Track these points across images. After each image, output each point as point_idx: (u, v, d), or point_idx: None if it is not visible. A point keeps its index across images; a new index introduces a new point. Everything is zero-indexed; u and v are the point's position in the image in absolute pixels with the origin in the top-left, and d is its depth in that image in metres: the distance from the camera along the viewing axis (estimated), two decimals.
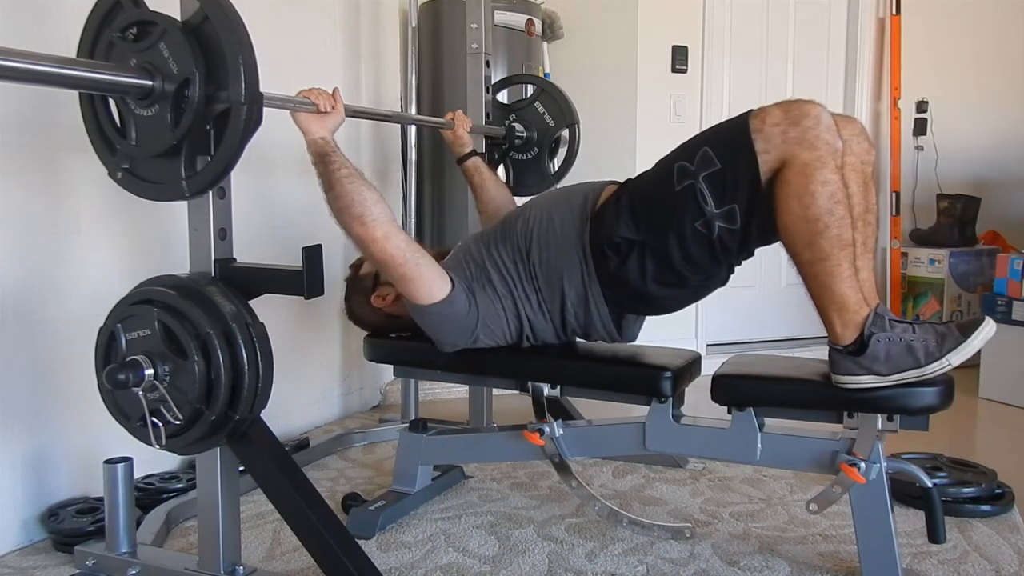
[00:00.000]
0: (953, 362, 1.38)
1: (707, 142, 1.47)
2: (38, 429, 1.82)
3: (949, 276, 3.67)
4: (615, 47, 3.63)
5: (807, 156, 1.34)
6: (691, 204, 1.46)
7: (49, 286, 1.84)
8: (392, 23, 3.15)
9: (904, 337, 1.39)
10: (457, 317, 1.66)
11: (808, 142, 1.35)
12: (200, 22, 1.27)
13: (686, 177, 1.47)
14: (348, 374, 2.92)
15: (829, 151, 1.35)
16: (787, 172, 1.36)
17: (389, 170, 3.10)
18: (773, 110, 1.40)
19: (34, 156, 1.80)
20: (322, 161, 1.54)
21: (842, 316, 1.40)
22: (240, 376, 1.36)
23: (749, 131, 1.40)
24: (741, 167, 1.41)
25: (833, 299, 1.40)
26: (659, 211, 1.53)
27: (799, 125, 1.36)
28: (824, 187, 1.34)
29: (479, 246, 1.76)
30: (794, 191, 1.35)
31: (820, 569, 1.66)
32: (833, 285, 1.38)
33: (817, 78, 3.91)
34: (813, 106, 1.38)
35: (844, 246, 1.37)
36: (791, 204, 1.36)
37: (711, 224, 1.46)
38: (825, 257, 1.37)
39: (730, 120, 1.47)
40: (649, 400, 1.65)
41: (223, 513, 1.49)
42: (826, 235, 1.35)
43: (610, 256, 1.58)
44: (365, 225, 1.50)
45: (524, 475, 2.22)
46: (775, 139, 1.37)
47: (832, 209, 1.34)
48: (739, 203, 1.43)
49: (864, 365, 1.41)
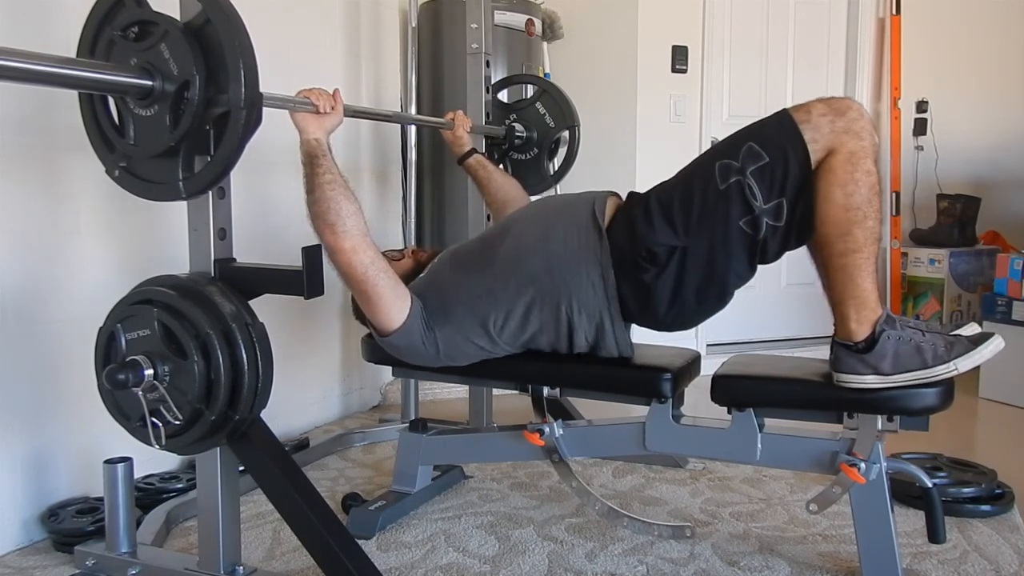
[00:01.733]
0: (960, 367, 1.38)
1: (750, 138, 1.45)
2: (38, 429, 1.82)
3: (949, 276, 3.67)
4: (615, 47, 3.63)
5: (854, 145, 1.36)
6: (738, 201, 1.44)
7: (49, 286, 1.84)
8: (392, 23, 3.15)
9: (914, 338, 1.40)
10: (414, 348, 1.65)
11: (855, 132, 1.37)
12: (202, 24, 1.27)
13: (731, 174, 1.44)
14: (348, 374, 2.92)
15: (872, 143, 1.38)
16: (833, 160, 1.37)
17: (389, 170, 3.10)
18: (816, 103, 1.41)
19: (34, 156, 1.80)
20: (310, 163, 1.54)
21: (859, 311, 1.40)
22: (240, 376, 1.36)
23: (796, 122, 1.40)
24: (791, 158, 1.40)
25: (856, 292, 1.40)
26: (704, 212, 1.47)
27: (845, 116, 1.38)
28: (867, 176, 1.36)
29: (452, 272, 1.69)
30: (839, 178, 1.37)
31: (820, 569, 1.66)
32: (858, 278, 1.39)
33: (817, 78, 3.90)
34: (853, 101, 1.41)
35: (875, 240, 1.38)
36: (834, 192, 1.37)
37: (758, 222, 1.43)
38: (858, 248, 1.37)
39: (769, 117, 1.46)
40: (649, 400, 1.65)
41: (223, 513, 1.49)
42: (863, 225, 1.36)
43: (645, 268, 1.51)
44: (336, 234, 1.49)
45: (524, 475, 2.22)
46: (824, 128, 1.38)
47: (871, 199, 1.37)
48: (787, 196, 1.42)
49: (870, 363, 1.40)
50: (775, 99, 3.85)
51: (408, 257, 1.90)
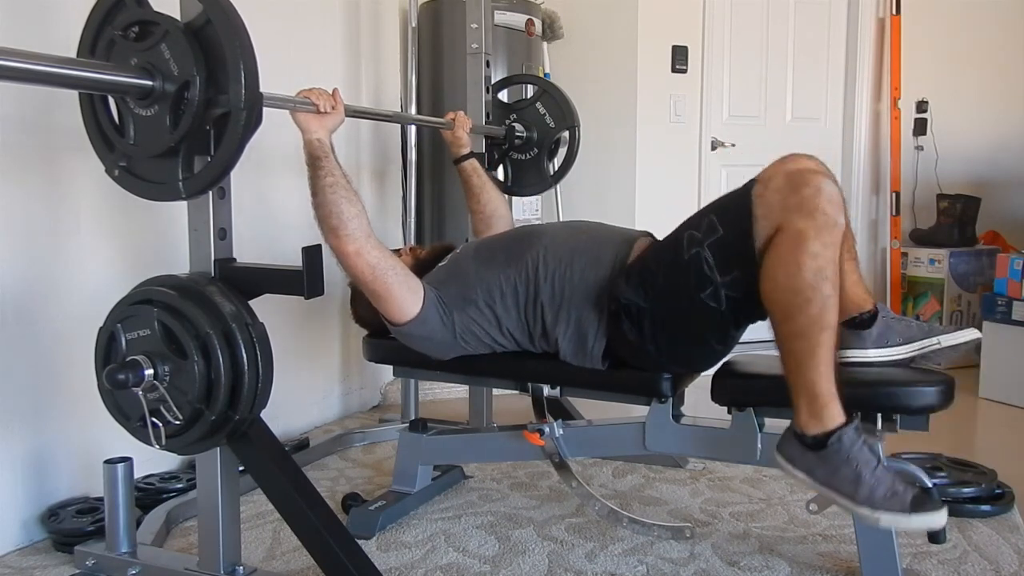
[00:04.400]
0: (880, 522, 1.28)
1: (714, 210, 1.46)
2: (38, 429, 1.82)
3: (949, 276, 3.67)
4: (615, 47, 3.64)
5: (803, 224, 1.28)
6: (698, 273, 1.43)
7: (49, 286, 1.84)
8: (392, 23, 3.15)
9: (863, 467, 1.29)
10: (431, 336, 1.66)
11: (806, 211, 1.28)
12: (202, 24, 1.27)
13: (693, 245, 1.44)
14: (348, 374, 2.92)
15: (826, 223, 1.28)
16: (778, 238, 1.31)
17: (389, 170, 3.10)
18: (777, 176, 1.35)
19: (34, 156, 1.80)
20: (313, 164, 1.55)
21: (811, 406, 1.32)
22: (240, 376, 1.36)
23: (751, 196, 1.36)
24: (739, 233, 1.37)
25: (804, 384, 1.31)
26: (668, 280, 1.49)
27: (799, 193, 1.30)
28: (813, 259, 1.27)
29: (476, 264, 1.72)
30: (781, 258, 1.30)
31: (820, 569, 1.66)
32: (806, 368, 1.30)
33: (817, 78, 3.91)
34: (818, 176, 1.32)
35: (825, 328, 1.29)
36: (776, 271, 1.31)
37: (719, 295, 1.42)
38: (801, 334, 1.30)
39: (738, 188, 1.43)
40: (649, 400, 1.65)
41: (223, 513, 1.49)
42: (806, 311, 1.28)
43: (623, 319, 1.54)
44: (339, 238, 1.52)
45: (524, 475, 2.22)
46: (775, 205, 1.32)
47: (817, 284, 1.27)
48: (742, 270, 1.38)
49: (808, 462, 1.33)
50: (775, 99, 3.85)
51: (407, 255, 1.91)
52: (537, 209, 3.42)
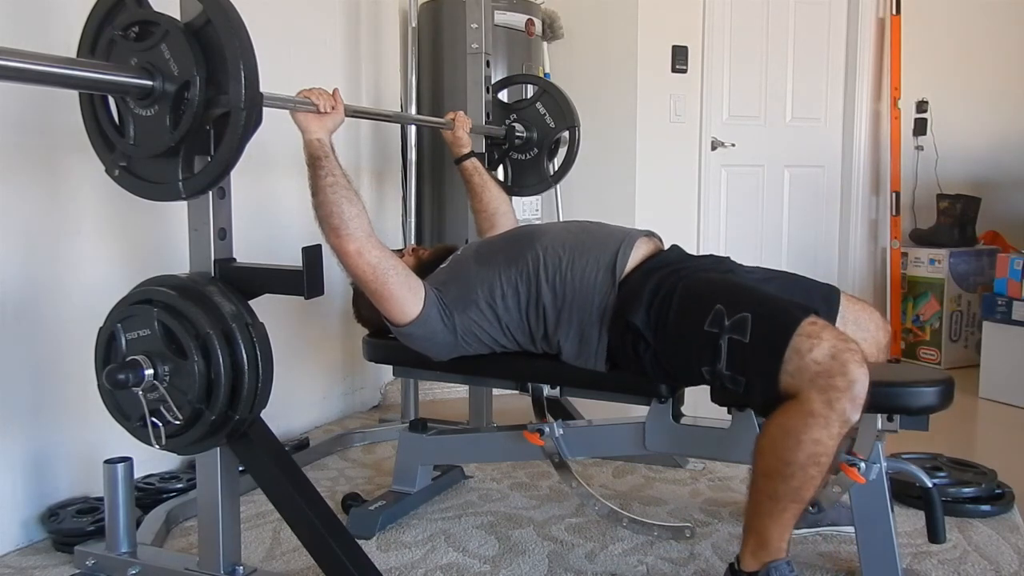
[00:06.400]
0: None
1: (754, 308, 1.39)
2: (38, 429, 1.82)
3: (949, 276, 3.67)
4: (615, 47, 3.64)
5: (817, 408, 1.27)
6: (708, 350, 1.40)
7: (49, 286, 1.84)
8: (392, 23, 3.15)
9: None
10: (432, 336, 1.66)
11: (828, 400, 1.27)
12: (202, 24, 1.26)
13: (716, 325, 1.40)
14: (348, 374, 2.92)
15: (840, 419, 1.27)
16: (792, 406, 1.30)
17: (389, 170, 3.10)
18: (825, 344, 1.29)
19: (34, 156, 1.80)
20: (313, 164, 1.55)
21: (757, 551, 1.36)
22: (240, 376, 1.36)
23: (789, 343, 1.31)
24: (762, 358, 1.34)
25: (760, 530, 1.36)
26: (677, 332, 1.47)
27: (832, 378, 1.27)
28: (813, 445, 1.27)
29: (477, 265, 1.71)
30: (784, 427, 1.30)
31: (820, 569, 1.66)
32: (768, 520, 1.35)
33: (817, 78, 3.91)
34: (857, 369, 1.27)
35: (797, 500, 1.32)
36: (775, 433, 1.32)
37: (717, 375, 1.41)
38: (775, 496, 1.33)
39: (789, 306, 1.38)
40: (649, 400, 1.65)
41: (223, 513, 1.49)
42: (788, 483, 1.30)
43: (628, 335, 1.53)
44: (340, 238, 1.52)
45: (524, 475, 2.22)
46: (805, 373, 1.29)
47: (807, 466, 1.29)
48: (747, 379, 1.37)
49: None
50: (775, 99, 3.85)
51: (409, 255, 1.91)
52: (537, 209, 3.43)
